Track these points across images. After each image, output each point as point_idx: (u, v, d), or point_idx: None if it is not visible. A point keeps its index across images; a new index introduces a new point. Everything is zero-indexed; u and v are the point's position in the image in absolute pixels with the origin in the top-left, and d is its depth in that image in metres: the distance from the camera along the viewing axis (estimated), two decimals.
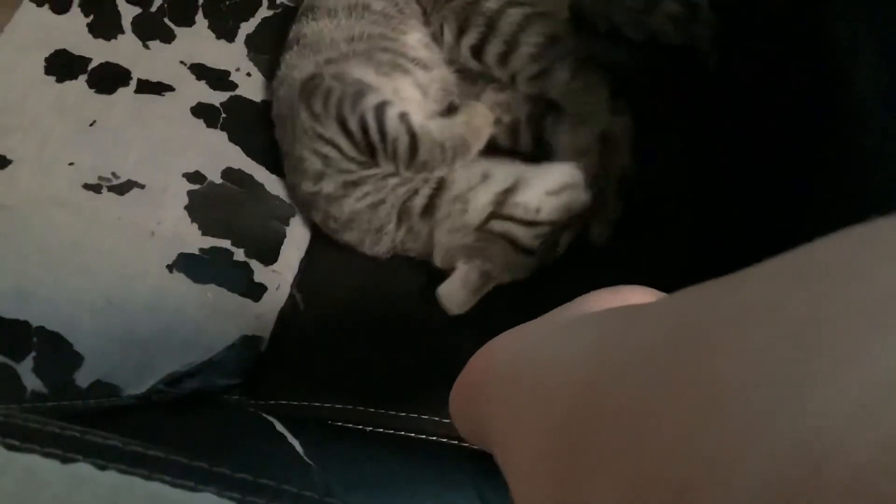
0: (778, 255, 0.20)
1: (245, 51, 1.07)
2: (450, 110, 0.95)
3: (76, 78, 1.01)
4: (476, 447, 0.37)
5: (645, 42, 0.99)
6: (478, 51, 0.94)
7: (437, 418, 0.85)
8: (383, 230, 0.91)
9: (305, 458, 0.80)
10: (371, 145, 0.87)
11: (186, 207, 0.95)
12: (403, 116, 0.87)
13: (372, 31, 0.94)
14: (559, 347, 0.29)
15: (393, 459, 0.87)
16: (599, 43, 0.99)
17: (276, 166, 0.99)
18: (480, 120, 0.89)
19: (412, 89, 0.92)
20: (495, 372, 0.34)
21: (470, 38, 0.94)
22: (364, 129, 0.86)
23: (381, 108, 0.87)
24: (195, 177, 0.97)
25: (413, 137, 0.86)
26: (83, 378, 0.83)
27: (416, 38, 0.96)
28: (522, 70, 0.93)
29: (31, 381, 0.81)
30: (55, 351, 0.84)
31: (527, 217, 0.85)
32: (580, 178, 0.87)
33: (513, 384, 0.31)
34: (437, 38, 0.97)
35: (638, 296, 0.37)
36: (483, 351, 0.39)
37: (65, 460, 0.42)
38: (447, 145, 0.86)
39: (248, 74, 1.06)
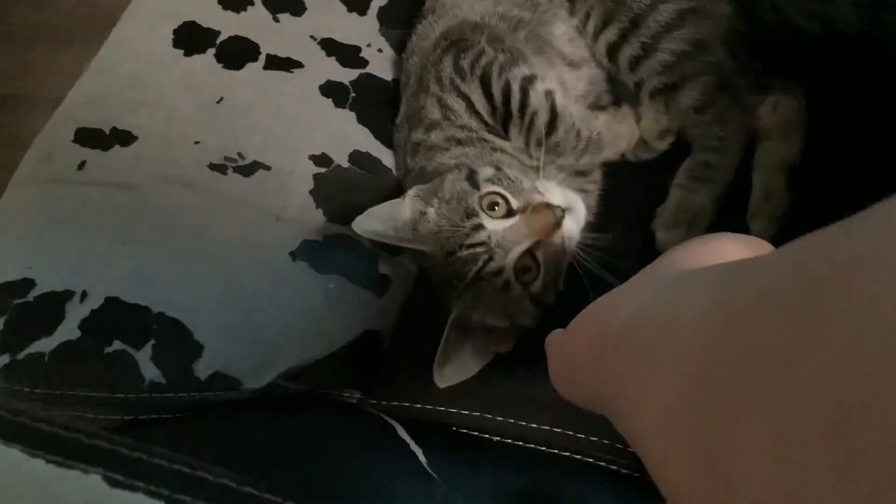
0: None
1: (377, 25, 1.02)
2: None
3: (204, 52, 0.98)
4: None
5: (818, 33, 0.88)
6: (614, 49, 0.86)
7: (569, 432, 0.78)
8: None
9: (429, 469, 0.75)
10: (508, 114, 0.82)
11: (312, 192, 0.90)
12: (549, 94, 0.82)
13: (519, 14, 0.88)
14: (677, 304, 0.29)
15: (520, 475, 0.80)
16: (765, 36, 0.89)
17: None
18: (623, 127, 0.83)
19: (554, 84, 0.85)
20: (610, 337, 0.34)
21: (610, 34, 0.87)
22: (506, 97, 0.82)
23: (529, 80, 0.82)
24: (321, 159, 0.92)
25: (554, 115, 0.81)
26: (202, 369, 0.79)
27: (561, 31, 0.88)
28: (649, 80, 0.85)
29: (150, 371, 0.78)
30: (175, 339, 0.80)
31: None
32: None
33: (634, 346, 0.31)
34: (580, 31, 0.89)
35: (731, 245, 0.38)
36: (583, 321, 0.40)
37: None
38: (583, 134, 0.81)
39: (380, 50, 1.01)
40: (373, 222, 0.80)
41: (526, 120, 0.81)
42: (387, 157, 0.94)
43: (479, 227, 0.77)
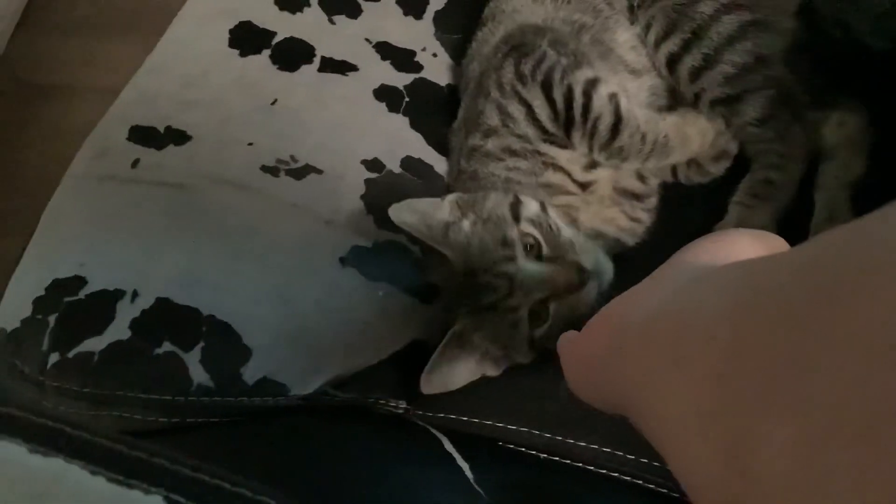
0: None
1: (433, 29, 1.01)
2: None
3: (259, 52, 0.97)
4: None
5: (888, 51, 0.86)
6: (674, 60, 0.85)
7: (618, 452, 0.76)
8: None
9: (475, 485, 0.73)
10: (570, 119, 0.81)
11: (363, 197, 0.90)
12: (613, 97, 0.80)
13: (581, 19, 0.86)
14: (697, 303, 0.29)
15: (564, 492, 0.79)
16: (832, 52, 0.86)
17: None
18: (693, 129, 0.81)
19: (617, 88, 0.84)
20: (628, 334, 0.34)
21: (671, 44, 0.85)
22: (568, 102, 0.81)
23: (592, 84, 0.81)
24: (373, 164, 0.91)
25: (618, 119, 0.79)
26: (251, 374, 0.79)
27: (624, 38, 0.87)
28: (709, 90, 0.83)
29: (199, 374, 0.78)
30: (224, 343, 0.80)
31: None
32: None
33: (653, 343, 0.31)
34: (642, 40, 0.87)
35: (745, 241, 0.38)
36: (602, 319, 0.39)
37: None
38: (648, 138, 0.79)
39: (435, 55, 1.00)
40: (409, 214, 0.80)
41: (588, 125, 0.80)
42: (439, 164, 0.93)
43: (511, 259, 0.77)
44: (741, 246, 0.38)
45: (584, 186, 0.84)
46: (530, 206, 0.80)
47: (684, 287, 0.33)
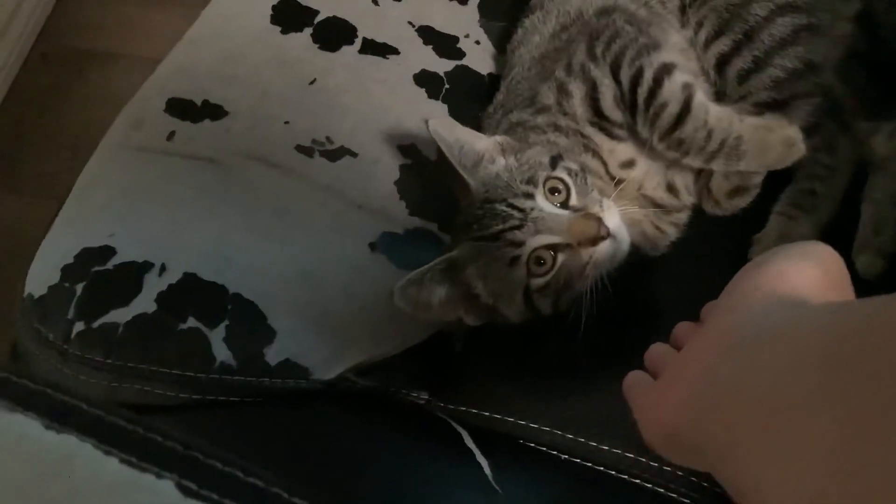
0: None
1: (477, 16, 0.99)
2: None
3: (301, 30, 0.96)
4: None
5: None
6: (724, 61, 0.82)
7: (643, 459, 0.75)
8: None
9: (494, 483, 0.72)
10: (634, 101, 0.78)
11: (396, 182, 0.89)
12: (687, 87, 0.77)
13: (635, 11, 0.84)
14: (785, 370, 0.30)
15: (582, 495, 0.77)
16: (888, 60, 0.83)
17: None
18: (776, 137, 0.76)
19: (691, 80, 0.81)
20: (706, 399, 0.35)
21: (722, 45, 0.82)
22: (635, 84, 0.78)
23: (667, 68, 0.78)
24: (409, 150, 0.90)
25: (685, 110, 0.76)
26: (273, 355, 0.78)
27: (675, 40, 0.84)
28: (756, 94, 0.81)
29: (221, 352, 0.77)
30: (249, 322, 0.79)
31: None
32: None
33: (738, 413, 0.32)
34: (691, 42, 0.85)
35: (807, 271, 0.38)
36: (672, 374, 0.41)
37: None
38: (716, 136, 0.75)
39: (477, 42, 0.98)
40: (448, 131, 0.79)
41: (651, 111, 0.77)
42: None
43: (530, 196, 0.75)
44: (804, 277, 0.38)
45: (614, 180, 0.82)
46: (570, 163, 0.78)
47: (763, 346, 0.33)
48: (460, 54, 0.96)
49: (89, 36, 1.92)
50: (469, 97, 0.94)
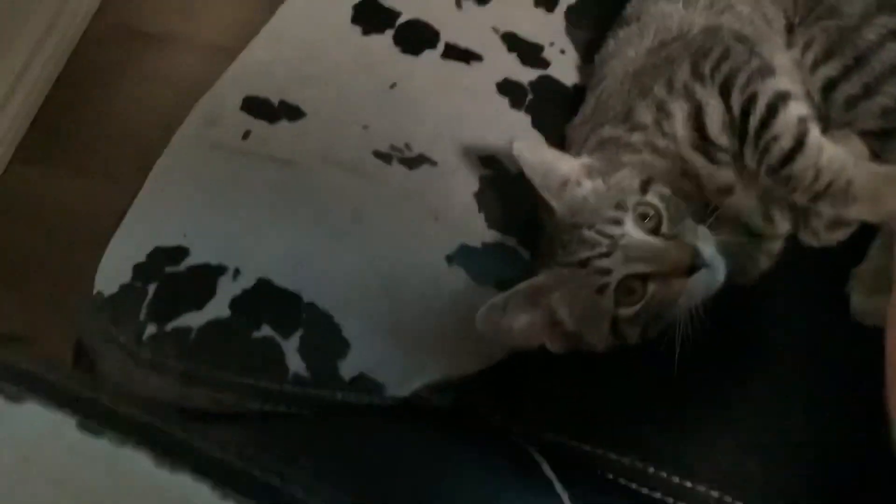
0: None
1: (563, 24, 0.96)
2: None
3: (383, 32, 0.94)
4: None
5: None
6: (831, 86, 0.78)
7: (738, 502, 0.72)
8: None
9: None
10: (744, 129, 0.74)
11: (476, 194, 0.86)
12: (803, 121, 0.73)
13: (742, 30, 0.81)
14: None
15: None
16: None
17: None
18: (893, 189, 0.70)
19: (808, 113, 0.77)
20: None
21: (830, 68, 0.78)
22: (746, 110, 0.74)
23: (782, 98, 0.74)
24: (489, 161, 0.87)
25: (798, 146, 0.72)
26: (347, 368, 0.76)
27: (782, 61, 0.80)
28: (862, 121, 0.77)
29: (295, 363, 0.75)
30: (323, 332, 0.77)
31: None
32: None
33: None
34: (797, 63, 0.81)
35: None
36: None
37: None
38: (824, 178, 0.71)
39: (563, 52, 0.95)
40: (531, 153, 0.77)
41: (762, 142, 0.73)
42: None
43: (619, 222, 0.72)
44: None
45: (709, 206, 0.79)
46: (662, 187, 0.75)
47: None
48: (545, 63, 0.93)
49: (146, 18, 1.91)
50: (553, 108, 0.91)
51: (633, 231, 0.71)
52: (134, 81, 1.84)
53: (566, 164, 0.77)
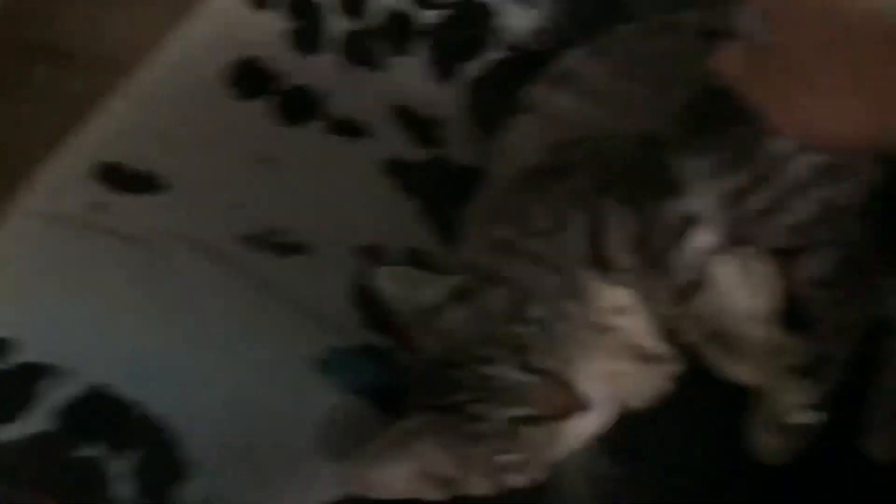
0: None
1: (464, 97, 0.88)
2: None
3: (261, 97, 0.84)
4: None
5: None
6: (737, 198, 0.72)
7: None
8: None
9: None
10: (652, 255, 0.67)
11: (352, 288, 0.78)
12: (712, 251, 0.66)
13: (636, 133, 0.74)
14: None
15: None
16: None
17: None
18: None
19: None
20: None
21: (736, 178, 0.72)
22: (649, 232, 0.67)
23: (691, 222, 0.67)
24: (371, 252, 0.79)
25: (705, 277, 0.65)
26: (189, 496, 0.67)
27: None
28: (770, 238, 0.70)
29: (124, 489, 0.66)
30: (163, 452, 0.68)
31: None
32: None
33: None
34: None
35: None
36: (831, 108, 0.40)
37: None
38: (711, 325, 0.65)
39: (461, 130, 0.87)
40: (395, 282, 0.69)
41: (669, 272, 0.66)
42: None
43: (488, 360, 0.64)
44: None
45: (599, 328, 0.71)
46: (535, 310, 0.67)
47: None
48: (440, 142, 0.85)
49: (39, 30, 1.77)
50: (446, 194, 0.83)
51: (506, 371, 0.64)
52: (21, 96, 1.71)
53: (435, 289, 0.69)
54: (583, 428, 0.64)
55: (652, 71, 0.78)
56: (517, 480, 0.66)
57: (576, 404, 0.63)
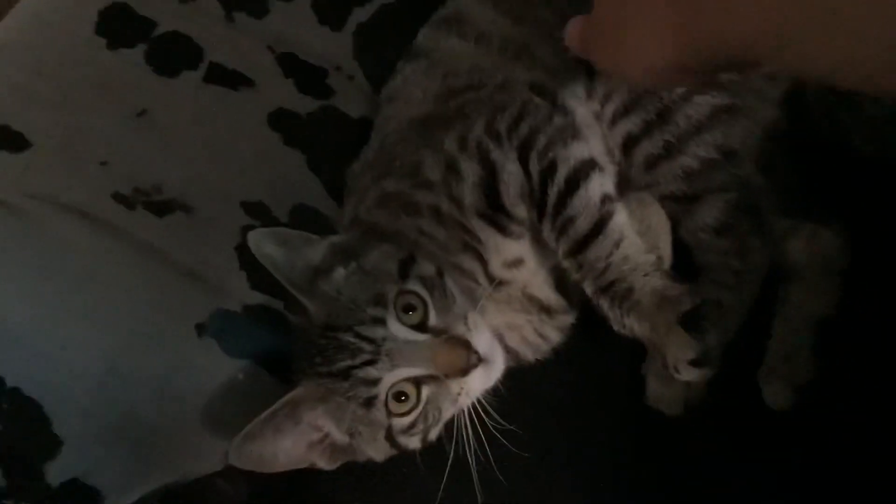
0: None
1: (352, 44, 0.83)
2: None
3: (133, 47, 0.79)
4: None
5: (875, 159, 0.73)
6: (631, 143, 0.70)
7: None
8: None
9: None
10: (543, 202, 0.64)
11: (237, 248, 0.73)
12: (607, 201, 0.64)
13: (526, 80, 0.70)
14: None
15: None
16: (814, 150, 0.73)
17: None
18: (669, 325, 0.61)
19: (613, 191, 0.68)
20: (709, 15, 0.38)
21: (629, 124, 0.69)
22: (545, 178, 0.64)
23: (584, 170, 0.64)
24: (256, 209, 0.75)
25: (596, 231, 0.63)
26: (57, 472, 0.63)
27: (579, 113, 0.71)
28: (664, 184, 0.69)
29: None
30: (29, 427, 0.63)
31: None
32: None
33: None
34: (598, 115, 0.72)
35: None
36: (647, 37, 0.42)
37: None
38: (609, 275, 0.62)
39: (350, 77, 0.83)
40: (273, 245, 0.64)
41: (559, 222, 0.64)
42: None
43: (381, 321, 0.61)
44: None
45: (493, 281, 0.68)
46: (425, 266, 0.65)
47: None
48: (328, 92, 0.80)
49: None
50: (334, 146, 0.79)
51: (397, 330, 0.60)
52: None
53: (313, 250, 0.65)
54: (478, 383, 0.62)
55: (538, 13, 0.75)
56: (411, 443, 0.64)
57: (471, 360, 0.60)
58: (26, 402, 0.64)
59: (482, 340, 0.62)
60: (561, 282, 0.71)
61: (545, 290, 0.71)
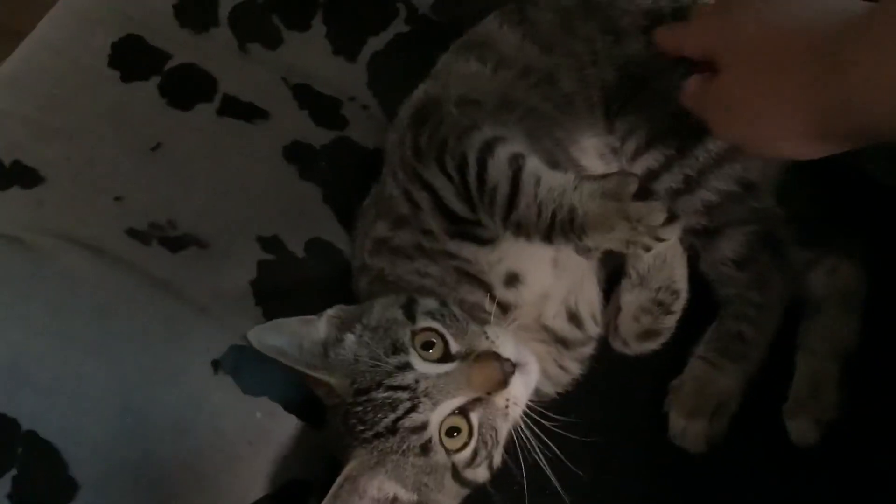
0: None
1: (366, 75, 0.83)
2: None
3: (147, 79, 0.78)
4: None
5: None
6: (651, 177, 0.70)
7: None
8: None
9: None
10: (468, 191, 0.64)
11: (253, 283, 0.72)
12: (515, 160, 0.61)
13: (542, 107, 0.70)
14: None
15: None
16: (833, 181, 0.73)
17: None
18: (620, 210, 0.58)
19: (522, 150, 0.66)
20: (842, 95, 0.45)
21: (650, 159, 0.70)
22: (462, 171, 0.63)
23: (488, 147, 0.63)
24: (271, 244, 0.75)
25: (515, 185, 0.60)
26: None
27: (591, 143, 0.70)
28: (684, 218, 0.67)
29: None
30: (44, 472, 0.63)
31: None
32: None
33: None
34: (615, 150, 0.71)
35: None
36: (784, 122, 0.50)
37: None
38: (546, 211, 0.59)
39: (365, 107, 0.82)
40: (274, 336, 0.63)
41: (486, 197, 0.62)
42: None
43: (407, 366, 0.60)
44: None
45: (504, 309, 0.68)
46: (427, 302, 0.65)
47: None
48: (343, 122, 0.80)
49: None
50: (350, 179, 0.78)
51: (426, 369, 0.60)
52: None
53: (316, 330, 0.64)
54: (521, 389, 0.62)
55: (572, 47, 0.75)
56: (479, 475, 0.63)
57: (506, 369, 0.60)
58: (43, 445, 0.63)
59: (509, 347, 0.61)
60: (574, 312, 0.71)
61: (559, 321, 0.70)
